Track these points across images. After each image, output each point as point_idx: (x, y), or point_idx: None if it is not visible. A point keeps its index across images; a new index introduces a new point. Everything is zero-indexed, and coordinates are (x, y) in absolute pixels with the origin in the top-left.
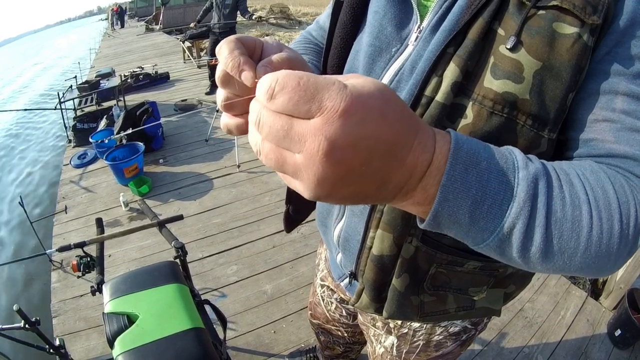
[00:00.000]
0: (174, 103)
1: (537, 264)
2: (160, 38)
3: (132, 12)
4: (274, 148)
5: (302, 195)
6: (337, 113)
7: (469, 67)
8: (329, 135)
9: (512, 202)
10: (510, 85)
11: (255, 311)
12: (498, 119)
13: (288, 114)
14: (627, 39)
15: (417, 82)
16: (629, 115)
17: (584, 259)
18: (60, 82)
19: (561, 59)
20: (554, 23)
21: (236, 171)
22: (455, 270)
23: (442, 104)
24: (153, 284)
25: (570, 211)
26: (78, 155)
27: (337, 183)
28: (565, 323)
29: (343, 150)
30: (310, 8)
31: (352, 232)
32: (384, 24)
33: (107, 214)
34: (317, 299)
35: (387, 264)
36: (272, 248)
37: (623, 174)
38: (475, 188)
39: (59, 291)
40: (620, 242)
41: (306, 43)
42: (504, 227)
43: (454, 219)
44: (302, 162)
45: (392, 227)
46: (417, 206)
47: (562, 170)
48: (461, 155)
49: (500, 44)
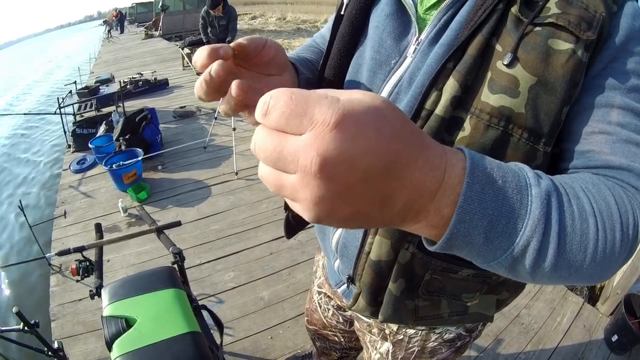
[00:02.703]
0: (172, 110)
1: (544, 277)
2: (160, 44)
3: (132, 17)
4: (272, 172)
5: (306, 218)
6: (328, 127)
7: (468, 81)
8: (320, 150)
9: (527, 220)
10: (506, 99)
11: (253, 317)
12: (494, 132)
13: (281, 130)
14: (622, 54)
15: (416, 95)
16: (624, 128)
17: (590, 269)
18: (60, 87)
19: (556, 74)
20: (550, 39)
21: (234, 178)
22: (449, 277)
23: (442, 117)
24: (151, 288)
25: (579, 224)
26: (77, 161)
27: (335, 202)
28: (561, 329)
29: (336, 166)
30: (309, 15)
31: (351, 239)
32: (384, 37)
33: (105, 220)
34: (313, 306)
35: (384, 269)
36: (270, 255)
37: (620, 184)
38: (492, 208)
39: (58, 295)
40: (621, 249)
41: (310, 46)
42: (519, 245)
43: (469, 240)
44: (297, 182)
45: (389, 234)
46: (430, 229)
47: (567, 184)
48: (477, 175)
49: (498, 60)
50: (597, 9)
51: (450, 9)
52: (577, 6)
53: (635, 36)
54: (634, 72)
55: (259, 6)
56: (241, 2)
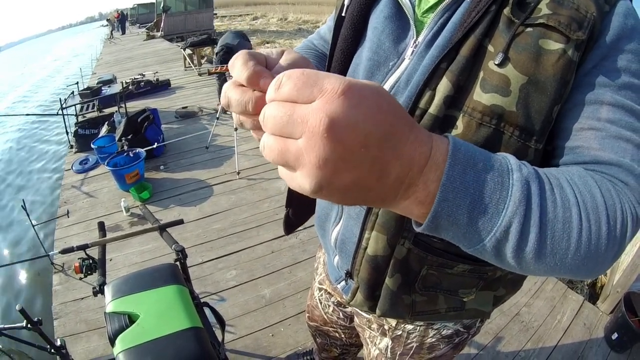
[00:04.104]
0: (174, 110)
1: (529, 265)
2: (161, 45)
3: (134, 18)
4: (276, 139)
5: (304, 191)
6: (337, 94)
7: (460, 81)
8: (329, 112)
9: (508, 202)
10: (497, 98)
11: (254, 315)
12: (486, 129)
13: (292, 101)
14: (613, 52)
15: (411, 95)
16: (613, 124)
17: (574, 260)
18: (62, 88)
19: (546, 74)
20: (540, 40)
21: (236, 178)
22: (445, 272)
23: (435, 116)
24: (154, 285)
25: (562, 212)
26: (80, 161)
27: (338, 165)
28: (561, 327)
29: (343, 129)
30: (310, 16)
31: (349, 235)
32: (383, 39)
33: (108, 219)
34: (314, 302)
35: (381, 264)
36: (271, 253)
37: (609, 179)
38: (473, 188)
39: (60, 294)
40: (608, 243)
41: (307, 49)
42: (501, 226)
43: (453, 220)
44: (304, 144)
45: (386, 229)
46: (418, 206)
47: (551, 174)
48: (459, 157)
49: (490, 60)
50: (588, 9)
51: (446, 12)
52: (568, 7)
53: (626, 34)
54: (625, 70)
55: (260, 7)
56: (242, 2)
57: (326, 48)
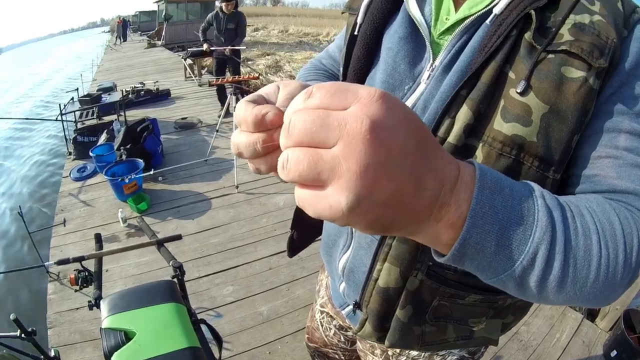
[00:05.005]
0: (174, 121)
1: (549, 294)
2: (162, 54)
3: (135, 26)
4: (305, 149)
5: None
6: (374, 97)
7: (481, 109)
8: (371, 113)
9: (535, 228)
10: (518, 128)
11: (251, 332)
12: (506, 160)
13: (324, 108)
14: (631, 79)
15: (429, 123)
16: (631, 152)
17: (593, 289)
18: (61, 93)
19: (567, 103)
20: (563, 67)
21: (235, 192)
22: (457, 303)
23: (454, 145)
24: (151, 302)
25: (583, 241)
26: (78, 169)
27: (379, 172)
28: (560, 345)
29: (385, 130)
30: (311, 28)
31: (358, 264)
32: (397, 61)
33: (105, 229)
34: (315, 324)
35: (393, 295)
36: (269, 270)
37: (626, 207)
38: (502, 213)
39: (55, 303)
40: (624, 270)
41: (316, 70)
42: (529, 254)
43: (481, 247)
44: (341, 150)
45: (399, 261)
46: (449, 230)
47: (571, 202)
48: (486, 181)
49: (511, 87)
50: (608, 35)
51: (464, 34)
52: (590, 33)
53: None
54: None
55: (262, 18)
56: (244, 13)
57: (336, 68)
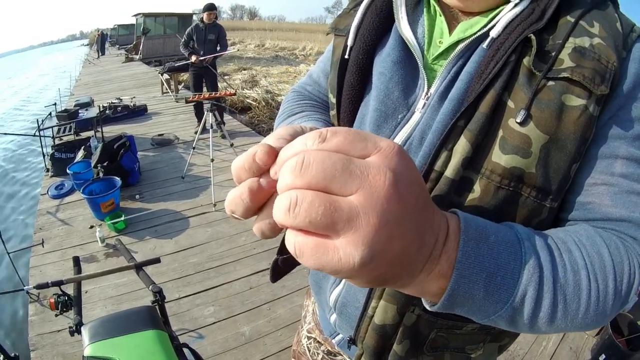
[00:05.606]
0: (151, 137)
1: (541, 328)
2: (139, 69)
3: (114, 39)
4: (319, 194)
5: (346, 266)
6: (394, 151)
7: (479, 140)
8: (393, 167)
9: (522, 270)
10: (518, 160)
11: (234, 353)
12: (504, 192)
13: (344, 153)
14: (629, 102)
15: (426, 155)
16: (626, 179)
17: (584, 319)
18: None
19: (567, 132)
20: (563, 95)
21: (212, 210)
22: (454, 333)
23: (452, 180)
24: (132, 329)
25: (572, 276)
26: (55, 186)
27: (394, 230)
28: (547, 353)
29: (404, 186)
30: (287, 42)
31: (351, 299)
32: (391, 87)
33: (83, 249)
34: (302, 349)
35: (389, 332)
36: (249, 289)
37: (618, 235)
38: (488, 261)
39: (37, 325)
40: (615, 299)
41: (300, 100)
42: (517, 296)
43: (469, 295)
44: (361, 202)
45: (396, 299)
46: (439, 280)
47: (559, 239)
48: (471, 232)
49: (510, 117)
50: (609, 59)
51: (459, 59)
52: (590, 57)
53: None
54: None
55: (238, 32)
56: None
57: (323, 94)
